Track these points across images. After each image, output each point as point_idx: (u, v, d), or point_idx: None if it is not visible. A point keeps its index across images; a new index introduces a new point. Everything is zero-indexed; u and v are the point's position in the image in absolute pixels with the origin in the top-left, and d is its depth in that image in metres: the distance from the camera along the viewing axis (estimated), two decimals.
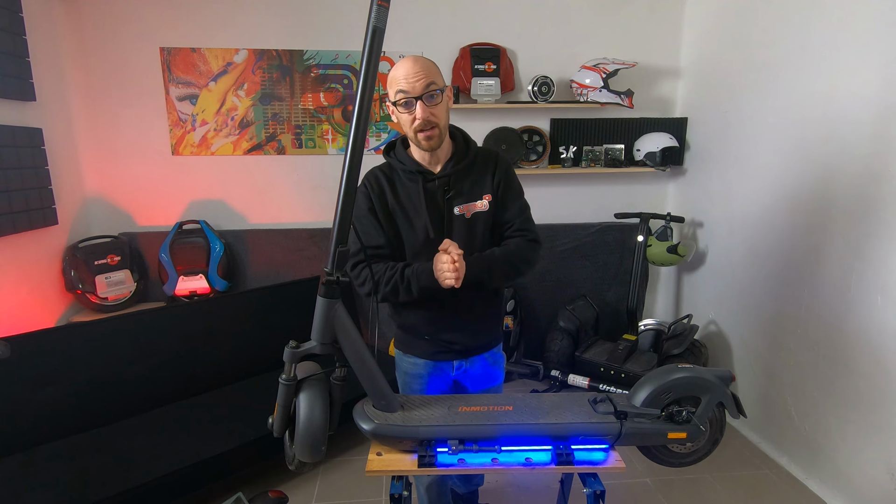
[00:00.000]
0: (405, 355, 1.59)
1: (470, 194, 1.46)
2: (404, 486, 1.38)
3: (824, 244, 2.28)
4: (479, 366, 1.60)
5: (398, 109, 1.37)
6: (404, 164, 1.45)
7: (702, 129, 3.20)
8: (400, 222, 1.46)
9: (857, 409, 2.12)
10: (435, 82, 1.34)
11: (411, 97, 1.33)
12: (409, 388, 1.60)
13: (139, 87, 3.00)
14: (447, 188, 1.44)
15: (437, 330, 1.52)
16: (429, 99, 1.33)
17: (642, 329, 3.01)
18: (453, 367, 1.58)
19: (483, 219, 1.47)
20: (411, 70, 1.32)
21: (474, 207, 1.45)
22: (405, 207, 1.46)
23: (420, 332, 1.53)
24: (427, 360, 1.55)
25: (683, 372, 1.44)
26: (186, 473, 1.98)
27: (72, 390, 2.21)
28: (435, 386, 1.57)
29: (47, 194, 2.60)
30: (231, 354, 2.68)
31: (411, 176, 1.45)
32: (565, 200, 3.43)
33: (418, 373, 1.57)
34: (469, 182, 1.46)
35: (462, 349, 1.55)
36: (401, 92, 1.34)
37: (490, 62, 3.10)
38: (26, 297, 2.51)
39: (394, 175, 1.48)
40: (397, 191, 1.46)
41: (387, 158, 1.50)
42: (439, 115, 1.36)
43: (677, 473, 2.41)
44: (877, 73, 2.02)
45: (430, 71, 1.34)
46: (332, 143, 3.22)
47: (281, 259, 3.22)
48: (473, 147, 1.49)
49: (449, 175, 1.44)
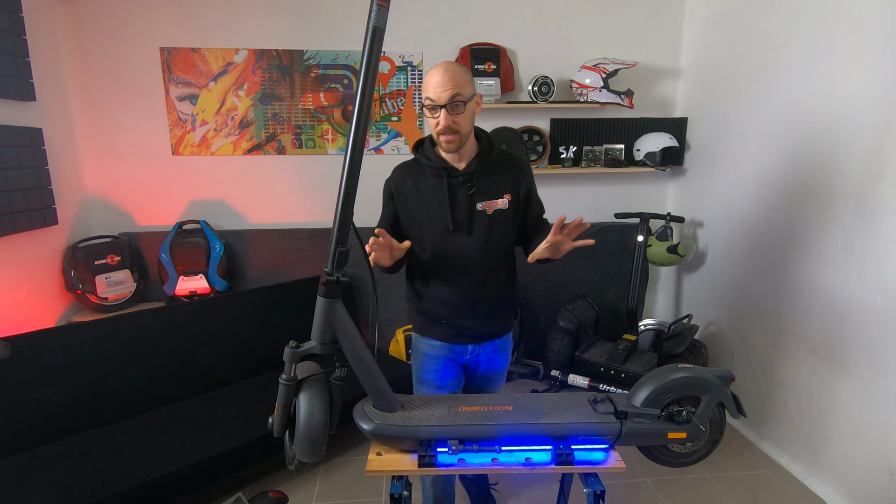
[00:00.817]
0: (423, 338, 1.68)
1: (491, 192, 1.55)
2: (404, 486, 1.38)
3: (824, 244, 2.28)
4: (490, 350, 1.70)
5: (426, 112, 1.49)
6: (431, 161, 1.55)
7: (702, 129, 3.20)
8: (421, 215, 1.56)
9: (857, 409, 2.13)
10: (461, 93, 1.43)
11: (437, 105, 1.43)
12: (425, 367, 1.69)
13: (139, 87, 3.00)
14: (470, 185, 1.53)
15: (454, 316, 1.61)
16: (452, 108, 1.43)
17: (642, 329, 3.01)
18: (467, 350, 1.67)
19: (502, 216, 1.56)
20: (440, 80, 1.42)
21: (495, 205, 1.55)
22: (428, 201, 1.55)
23: (438, 318, 1.63)
24: (444, 342, 1.65)
25: (683, 372, 1.44)
26: (186, 473, 1.98)
27: (72, 390, 2.21)
28: (448, 367, 1.67)
29: (47, 194, 2.60)
30: (231, 354, 2.68)
31: (436, 172, 1.54)
32: (565, 200, 3.43)
33: (435, 354, 1.66)
34: (491, 180, 1.55)
35: (476, 334, 1.65)
36: (429, 99, 1.45)
37: (490, 62, 3.10)
38: (26, 297, 2.51)
39: (419, 170, 1.58)
40: (421, 185, 1.56)
41: (415, 155, 1.60)
42: (461, 122, 1.45)
43: (677, 473, 2.41)
44: (876, 72, 2.02)
45: (457, 82, 1.42)
46: (332, 143, 3.22)
47: (281, 259, 3.22)
48: (496, 149, 1.59)
49: (472, 173, 1.53)
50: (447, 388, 1.69)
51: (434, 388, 1.68)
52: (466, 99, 1.44)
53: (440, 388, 1.68)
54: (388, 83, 3.21)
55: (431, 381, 1.69)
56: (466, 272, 1.58)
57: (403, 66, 3.20)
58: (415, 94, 3.24)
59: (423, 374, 1.70)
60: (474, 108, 1.50)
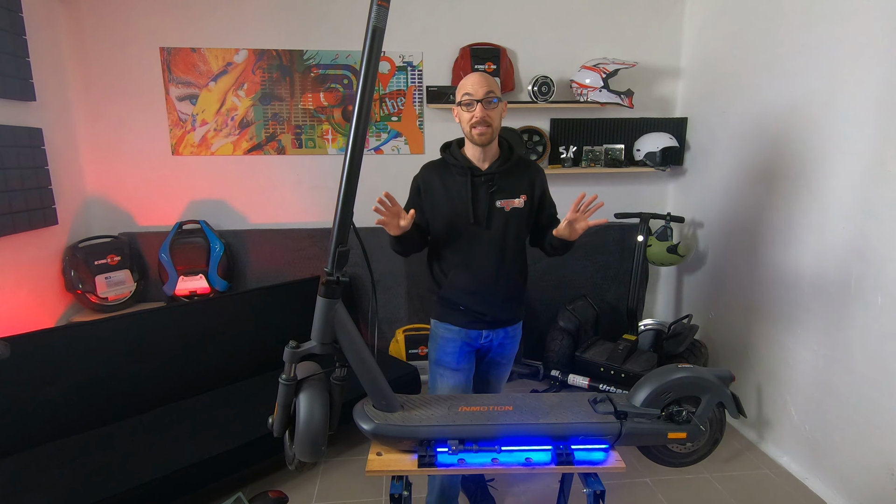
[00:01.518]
0: (442, 323, 1.83)
1: (510, 191, 1.72)
2: (404, 486, 1.38)
3: (824, 244, 2.28)
4: (502, 336, 1.84)
5: (462, 108, 1.66)
6: (457, 161, 1.71)
7: (702, 129, 3.20)
8: (445, 208, 1.72)
9: (857, 409, 2.13)
10: (494, 92, 1.64)
11: (474, 99, 1.62)
12: (443, 350, 1.82)
13: (139, 87, 3.00)
14: (491, 183, 1.70)
15: (471, 302, 1.76)
16: (487, 103, 1.62)
17: (642, 329, 3.01)
18: (482, 335, 1.81)
19: (518, 214, 1.73)
20: (478, 81, 1.63)
21: (512, 203, 1.72)
22: (452, 196, 1.71)
23: (457, 304, 1.78)
24: (461, 328, 1.79)
25: (683, 372, 1.44)
26: (186, 473, 1.98)
27: (72, 390, 2.20)
28: (464, 351, 1.81)
29: (47, 194, 2.60)
30: (231, 354, 2.68)
31: (461, 171, 1.71)
32: (565, 200, 3.39)
33: (452, 338, 1.80)
34: (510, 181, 1.73)
35: (491, 320, 1.79)
36: (466, 94, 1.64)
37: (490, 62, 3.10)
38: (26, 297, 2.51)
39: (446, 169, 1.75)
40: (447, 183, 1.73)
41: (443, 155, 1.78)
42: (493, 117, 1.65)
43: (677, 473, 2.41)
44: (876, 72, 2.02)
45: (491, 84, 1.64)
46: (332, 143, 3.22)
47: (281, 259, 3.22)
48: (516, 153, 1.78)
49: (494, 173, 1.70)
50: (462, 371, 1.81)
51: (450, 370, 1.81)
52: (498, 97, 1.65)
53: (456, 369, 1.81)
54: (388, 83, 3.21)
55: (447, 363, 1.81)
56: (484, 262, 1.73)
57: (403, 66, 3.20)
58: (415, 94, 3.24)
59: (440, 356, 1.82)
60: (503, 109, 1.70)
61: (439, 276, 1.80)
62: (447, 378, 1.80)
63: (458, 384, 1.79)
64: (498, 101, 1.65)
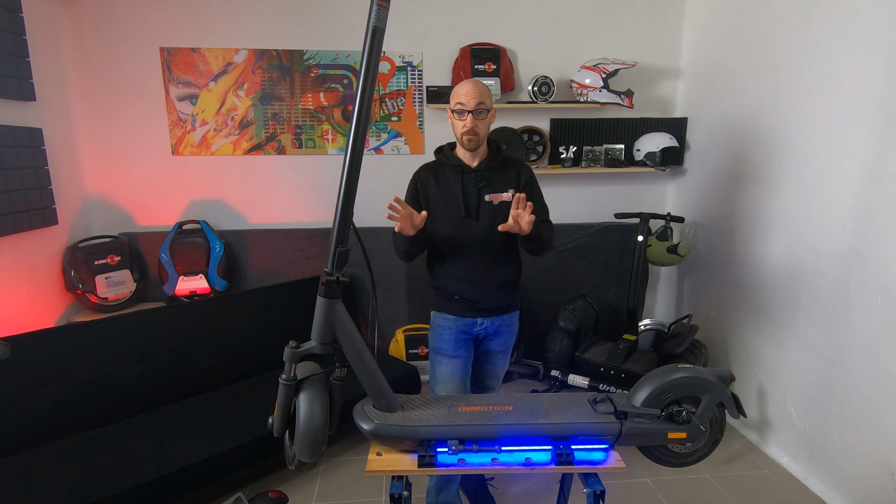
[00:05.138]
0: (439, 313, 1.93)
1: (497, 187, 1.84)
2: (404, 486, 1.38)
3: (824, 244, 2.28)
4: (498, 324, 1.92)
5: (454, 116, 1.80)
6: (450, 161, 1.86)
7: (702, 129, 3.20)
8: (439, 204, 1.84)
9: (857, 409, 2.13)
10: (484, 103, 1.76)
11: (465, 110, 1.75)
12: (440, 338, 1.91)
13: (139, 87, 3.00)
14: (480, 180, 1.83)
15: (465, 291, 1.87)
16: (477, 114, 1.76)
17: (642, 329, 3.01)
18: (477, 323, 1.90)
19: (506, 207, 1.79)
20: (470, 91, 1.75)
21: (500, 197, 1.83)
22: (445, 193, 1.85)
23: (452, 293, 1.88)
24: (457, 317, 1.89)
25: (683, 372, 1.44)
26: (186, 473, 1.98)
27: (72, 390, 2.21)
28: (460, 339, 1.90)
29: (47, 194, 2.60)
30: (231, 354, 2.68)
31: (454, 169, 1.85)
32: (565, 200, 3.43)
33: (448, 326, 1.90)
34: (498, 177, 1.86)
35: (485, 308, 1.88)
36: (459, 104, 1.76)
37: (490, 62, 3.10)
38: (26, 297, 2.51)
39: (440, 169, 1.88)
40: (440, 181, 1.87)
41: (436, 156, 1.92)
42: (481, 127, 1.78)
43: (677, 473, 2.41)
44: (876, 72, 2.02)
45: (483, 95, 1.76)
46: (332, 143, 3.22)
47: (281, 259, 3.22)
48: (503, 153, 1.91)
49: (482, 170, 1.84)
50: (459, 358, 1.90)
51: (447, 357, 1.89)
52: (488, 108, 1.78)
53: (453, 357, 1.89)
54: (388, 83, 3.21)
55: (445, 351, 1.90)
56: (475, 252, 1.84)
57: (403, 66, 3.20)
58: (415, 94, 3.24)
59: (438, 343, 1.91)
60: (491, 117, 1.83)
61: (436, 268, 1.91)
62: (445, 365, 1.89)
63: (456, 371, 1.89)
64: (487, 112, 1.77)
